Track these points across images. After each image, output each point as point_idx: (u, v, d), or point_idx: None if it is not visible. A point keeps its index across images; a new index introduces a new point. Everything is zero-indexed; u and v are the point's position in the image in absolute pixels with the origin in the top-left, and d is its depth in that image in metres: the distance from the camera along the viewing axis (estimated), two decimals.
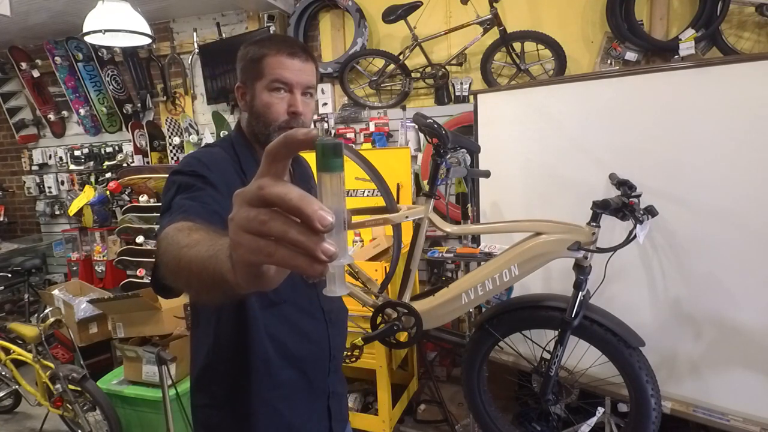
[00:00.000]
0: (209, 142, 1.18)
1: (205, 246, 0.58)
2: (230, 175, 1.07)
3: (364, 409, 2.93)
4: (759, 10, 2.76)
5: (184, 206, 0.92)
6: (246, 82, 1.13)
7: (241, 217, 0.42)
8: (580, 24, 3.23)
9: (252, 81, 1.12)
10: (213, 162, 1.06)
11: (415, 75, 3.52)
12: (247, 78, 1.13)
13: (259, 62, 1.10)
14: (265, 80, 1.10)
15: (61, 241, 4.66)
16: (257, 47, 1.11)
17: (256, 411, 1.11)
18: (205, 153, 1.10)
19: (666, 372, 2.08)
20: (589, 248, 1.79)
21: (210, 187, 0.99)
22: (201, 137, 4.18)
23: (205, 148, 1.15)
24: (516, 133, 2.48)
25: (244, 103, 1.15)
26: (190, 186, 0.99)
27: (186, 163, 1.05)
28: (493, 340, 2.14)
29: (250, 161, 1.13)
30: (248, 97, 1.13)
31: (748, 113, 1.80)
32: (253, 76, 1.11)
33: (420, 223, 2.07)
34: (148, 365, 2.65)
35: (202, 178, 1.01)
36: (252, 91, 1.12)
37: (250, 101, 1.13)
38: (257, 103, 1.11)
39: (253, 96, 1.12)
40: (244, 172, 1.10)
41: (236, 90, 1.16)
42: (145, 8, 3.23)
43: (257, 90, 1.11)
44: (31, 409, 3.21)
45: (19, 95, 4.85)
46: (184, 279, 0.62)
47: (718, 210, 1.90)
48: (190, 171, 1.02)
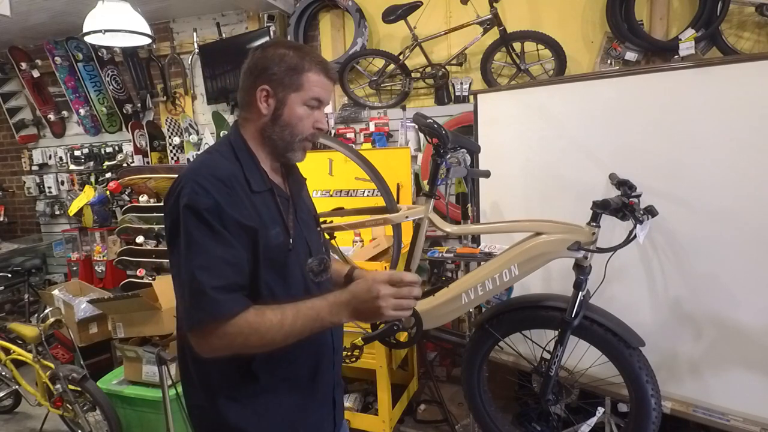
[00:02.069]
0: (209, 149, 1.17)
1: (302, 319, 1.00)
2: (239, 194, 1.05)
3: (364, 409, 2.93)
4: (759, 10, 2.76)
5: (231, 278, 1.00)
6: (277, 89, 1.11)
7: (387, 293, 0.98)
8: (580, 24, 3.23)
9: (285, 90, 1.10)
10: (223, 189, 1.02)
11: (415, 75, 3.52)
12: (280, 85, 1.10)
13: (300, 75, 1.10)
14: (303, 94, 1.10)
15: (61, 241, 4.66)
16: (298, 58, 1.10)
17: (271, 408, 1.13)
18: (212, 176, 1.03)
19: (666, 372, 2.08)
20: (589, 248, 1.79)
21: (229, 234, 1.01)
22: (201, 137, 4.18)
23: (209, 160, 1.10)
24: (516, 133, 2.48)
25: (266, 107, 1.12)
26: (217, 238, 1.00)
27: (200, 202, 1.00)
28: (493, 340, 2.14)
29: (252, 169, 1.11)
30: (274, 103, 1.11)
31: (748, 113, 1.80)
32: (289, 86, 1.10)
33: (420, 223, 2.07)
34: (148, 365, 2.65)
35: (221, 224, 1.00)
36: (283, 99, 1.11)
37: (278, 108, 1.11)
38: (288, 112, 1.11)
39: (284, 105, 1.11)
40: (249, 181, 1.08)
41: (258, 91, 1.11)
42: (145, 8, 3.23)
43: (291, 100, 1.11)
44: (31, 409, 3.21)
45: (19, 95, 4.85)
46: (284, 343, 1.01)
47: (718, 210, 1.90)
48: (207, 216, 1.00)
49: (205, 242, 0.99)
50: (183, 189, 1.02)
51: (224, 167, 1.07)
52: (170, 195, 1.06)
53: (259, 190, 1.09)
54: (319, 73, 1.11)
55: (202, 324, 0.98)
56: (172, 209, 1.04)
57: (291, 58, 1.10)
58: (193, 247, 0.99)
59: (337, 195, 3.32)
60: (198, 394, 1.15)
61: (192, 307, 0.99)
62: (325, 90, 1.13)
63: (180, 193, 1.03)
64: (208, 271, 0.98)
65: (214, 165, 1.07)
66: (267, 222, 1.08)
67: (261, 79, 1.11)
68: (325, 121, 1.15)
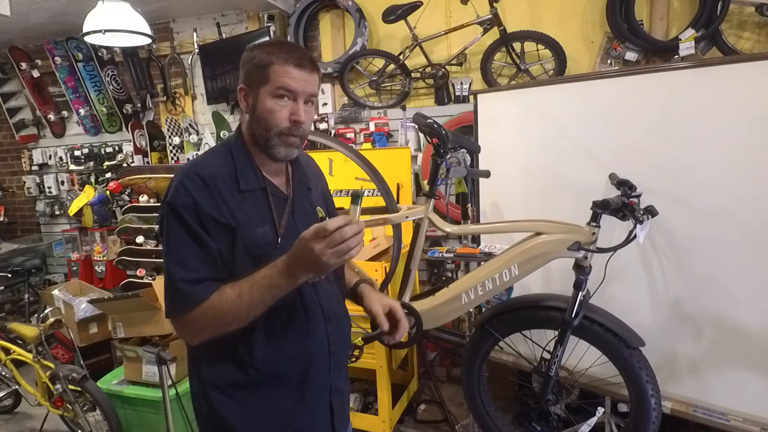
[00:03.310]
0: (210, 147, 1.25)
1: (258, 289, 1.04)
2: (221, 192, 1.10)
3: (364, 409, 2.93)
4: (759, 10, 2.76)
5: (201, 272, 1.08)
6: (250, 86, 1.15)
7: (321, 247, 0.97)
8: (580, 24, 3.23)
9: (256, 85, 1.13)
10: (203, 188, 1.09)
11: (415, 75, 3.52)
12: (251, 81, 1.14)
13: (266, 68, 1.11)
14: (270, 86, 1.11)
15: (61, 241, 4.65)
16: (264, 53, 1.12)
17: (257, 404, 1.15)
18: (196, 175, 1.10)
19: (666, 372, 2.08)
20: (589, 248, 1.79)
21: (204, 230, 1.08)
22: (201, 137, 4.18)
23: (201, 159, 1.17)
24: (516, 133, 2.48)
25: (245, 105, 1.17)
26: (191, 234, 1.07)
27: (179, 200, 1.08)
28: (493, 340, 2.14)
29: (246, 169, 1.16)
30: (251, 100, 1.15)
31: (748, 113, 1.80)
32: (258, 81, 1.12)
33: (420, 223, 2.08)
34: (148, 365, 2.65)
35: (197, 221, 1.07)
36: (255, 95, 1.14)
37: (253, 104, 1.14)
38: (260, 107, 1.13)
39: (256, 100, 1.13)
40: (239, 180, 1.13)
41: (238, 91, 1.17)
42: (145, 8, 3.23)
43: (261, 95, 1.13)
44: (31, 409, 3.21)
45: (19, 95, 4.85)
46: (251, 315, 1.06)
47: (718, 210, 1.90)
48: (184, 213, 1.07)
49: (179, 238, 1.07)
50: (170, 188, 1.11)
51: (212, 166, 1.13)
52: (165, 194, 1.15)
53: (248, 189, 1.14)
54: (286, 64, 1.11)
55: (174, 314, 1.09)
56: (161, 207, 1.13)
57: (260, 55, 1.12)
58: (171, 243, 1.08)
59: (337, 195, 3.33)
60: (194, 383, 1.21)
61: (167, 299, 1.10)
62: (294, 79, 1.11)
63: (169, 190, 1.11)
64: (179, 265, 1.07)
65: (202, 164, 1.14)
66: (253, 220, 1.12)
67: (240, 79, 1.17)
68: (301, 113, 1.13)
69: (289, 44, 1.19)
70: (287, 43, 1.19)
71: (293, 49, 1.15)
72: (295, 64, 1.11)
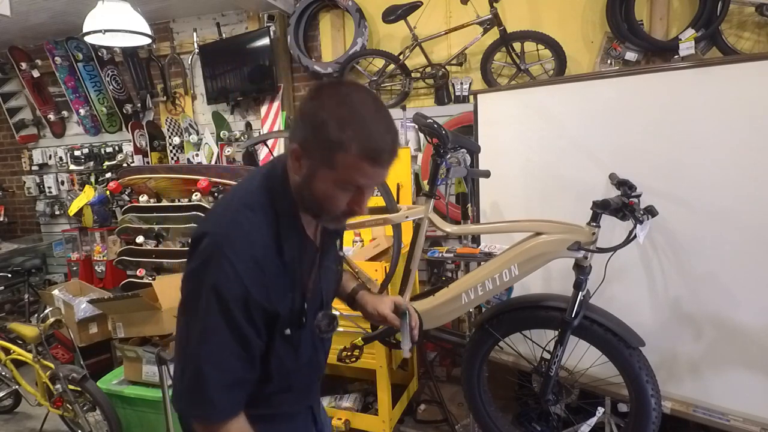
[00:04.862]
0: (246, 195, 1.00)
1: None
2: (272, 273, 0.96)
3: (364, 409, 2.93)
4: (759, 10, 2.76)
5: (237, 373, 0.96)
6: (308, 154, 0.92)
7: None
8: (580, 24, 3.23)
9: (317, 161, 0.91)
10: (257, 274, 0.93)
11: (415, 75, 3.52)
12: (311, 152, 0.91)
13: (334, 153, 0.88)
14: (334, 175, 0.90)
15: (61, 241, 4.66)
16: (339, 131, 0.86)
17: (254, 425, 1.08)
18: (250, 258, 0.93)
19: (666, 372, 2.08)
20: (589, 248, 1.79)
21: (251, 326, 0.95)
22: (201, 137, 4.18)
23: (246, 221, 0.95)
24: (516, 133, 2.48)
25: (297, 166, 0.94)
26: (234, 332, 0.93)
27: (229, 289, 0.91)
28: (493, 340, 2.14)
29: (291, 234, 1.00)
30: (305, 169, 0.93)
31: (748, 113, 1.80)
32: (321, 160, 0.90)
33: (420, 223, 2.08)
34: (148, 365, 2.65)
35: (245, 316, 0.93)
36: (313, 170, 0.92)
37: (307, 177, 0.93)
38: (316, 187, 0.94)
39: (313, 176, 0.93)
40: (282, 248, 0.97)
41: (291, 150, 0.94)
42: (145, 8, 3.23)
43: (320, 175, 0.92)
44: (31, 409, 3.21)
45: (19, 95, 4.85)
46: None
47: (718, 210, 1.90)
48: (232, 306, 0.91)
49: (223, 335, 0.92)
50: (212, 260, 0.91)
51: (261, 238, 0.95)
52: (195, 249, 0.95)
53: (290, 258, 0.99)
54: (362, 158, 0.87)
55: (194, 418, 0.98)
56: (195, 274, 0.93)
57: (331, 128, 0.86)
58: (209, 334, 0.92)
59: None
60: None
61: (188, 396, 0.96)
62: (366, 177, 0.90)
63: (208, 262, 0.92)
64: (216, 365, 0.93)
65: (250, 236, 0.94)
66: (285, 294, 1.00)
67: (295, 135, 0.93)
68: (364, 205, 0.96)
69: (370, 122, 0.88)
70: (369, 121, 0.88)
71: (375, 134, 0.88)
72: (373, 160, 0.88)
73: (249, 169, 3.61)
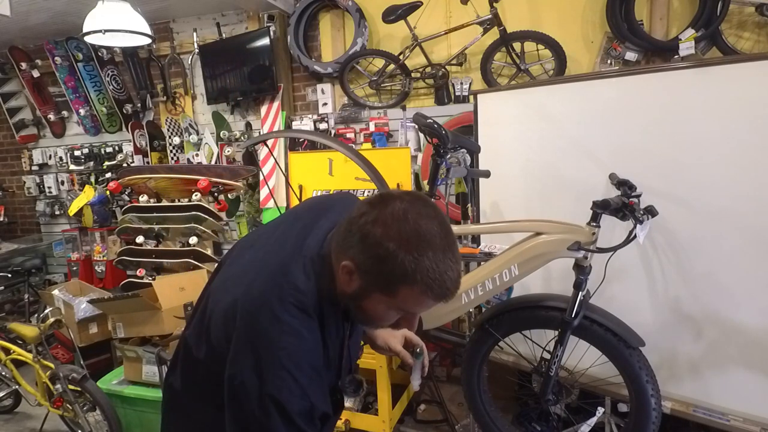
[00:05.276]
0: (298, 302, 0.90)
1: None
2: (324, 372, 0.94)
3: (364, 409, 2.93)
4: (759, 10, 2.76)
5: None
6: (367, 277, 0.86)
7: None
8: (580, 24, 3.23)
9: (374, 285, 0.87)
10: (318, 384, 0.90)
11: (415, 75, 3.52)
12: (373, 277, 0.86)
13: (398, 285, 0.84)
14: (393, 301, 0.88)
15: (61, 241, 4.66)
16: (407, 263, 0.81)
17: None
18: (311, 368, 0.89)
19: (666, 372, 2.08)
20: (589, 248, 1.79)
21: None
22: (201, 137, 4.18)
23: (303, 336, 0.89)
24: (516, 133, 2.48)
25: (347, 280, 0.89)
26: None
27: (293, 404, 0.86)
28: (493, 340, 2.14)
29: (332, 330, 0.96)
30: (359, 288, 0.89)
31: (748, 113, 1.80)
32: (382, 287, 0.86)
33: None
34: (148, 365, 2.65)
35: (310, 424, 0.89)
36: (368, 291, 0.88)
37: (360, 295, 0.89)
38: (368, 307, 0.91)
39: (366, 296, 0.89)
40: (327, 345, 0.94)
41: (341, 266, 0.88)
42: (145, 8, 3.23)
43: (376, 298, 0.88)
44: (31, 409, 3.21)
45: (19, 95, 4.85)
46: None
47: (718, 210, 1.90)
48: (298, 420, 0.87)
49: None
50: (269, 369, 0.85)
51: (315, 342, 0.91)
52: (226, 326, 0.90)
53: (331, 345, 0.96)
54: (425, 296, 0.84)
55: None
56: (249, 379, 0.86)
57: (399, 263, 0.81)
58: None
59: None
60: None
61: None
62: (427, 307, 0.89)
63: (265, 370, 0.85)
64: None
65: (308, 344, 0.89)
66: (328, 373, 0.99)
67: (351, 254, 0.87)
68: (416, 326, 0.97)
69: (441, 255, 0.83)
70: (439, 253, 0.83)
71: (444, 273, 0.83)
72: (438, 297, 0.86)
73: (248, 168, 3.62)
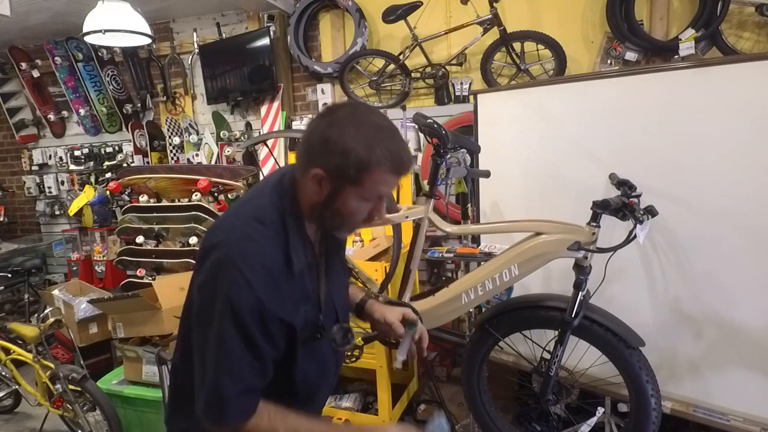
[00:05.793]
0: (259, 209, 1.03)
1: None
2: (283, 285, 1.00)
3: (364, 409, 2.93)
4: (759, 10, 2.76)
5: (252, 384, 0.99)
6: (333, 177, 0.97)
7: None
8: (580, 24, 3.23)
9: (343, 182, 0.98)
10: (269, 283, 0.97)
11: (415, 75, 3.52)
12: (337, 174, 0.97)
13: (363, 172, 0.96)
14: (361, 191, 0.99)
15: (61, 241, 4.66)
16: (366, 153, 0.95)
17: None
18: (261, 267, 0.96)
19: (666, 372, 2.08)
20: (589, 248, 1.79)
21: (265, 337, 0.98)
22: (201, 137, 4.18)
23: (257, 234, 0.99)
24: (516, 133, 2.48)
25: (317, 190, 1.00)
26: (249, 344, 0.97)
27: (243, 300, 0.94)
28: (493, 340, 2.14)
29: (297, 245, 1.03)
30: (329, 190, 0.99)
31: (748, 113, 1.80)
32: (348, 180, 0.97)
33: (420, 223, 2.07)
34: (148, 365, 2.65)
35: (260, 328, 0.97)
36: (338, 190, 0.99)
37: (331, 196, 1.00)
38: (341, 205, 1.00)
39: (337, 195, 0.99)
40: (291, 260, 1.01)
41: (312, 175, 0.98)
42: (145, 8, 3.23)
43: (346, 193, 0.99)
44: (31, 409, 3.21)
45: (19, 95, 4.85)
46: None
47: (718, 210, 1.90)
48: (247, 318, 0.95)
49: (236, 346, 0.96)
50: (223, 271, 0.95)
51: (272, 250, 0.99)
52: (204, 259, 0.99)
53: (299, 269, 1.03)
54: (387, 172, 0.97)
55: (216, 423, 1.00)
56: (207, 286, 0.98)
57: (360, 151, 0.95)
58: (223, 346, 0.96)
59: None
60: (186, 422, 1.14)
61: (210, 406, 0.99)
62: (389, 186, 1.01)
63: (219, 273, 0.96)
64: (230, 374, 0.96)
65: (263, 246, 0.98)
66: (298, 305, 1.03)
67: (318, 161, 0.98)
68: (383, 211, 1.05)
69: (390, 139, 0.98)
70: (389, 138, 0.98)
71: (397, 150, 0.98)
72: (399, 171, 0.99)
73: (248, 168, 3.62)
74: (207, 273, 0.98)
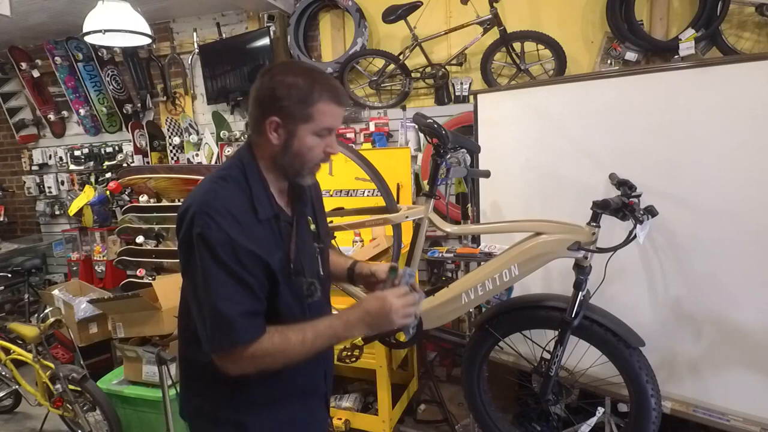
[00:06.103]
0: (221, 172, 1.15)
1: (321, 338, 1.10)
2: (249, 226, 1.08)
3: (364, 409, 2.93)
4: (759, 10, 2.76)
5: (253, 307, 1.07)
6: (286, 120, 1.09)
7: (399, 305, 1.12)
8: (580, 24, 3.23)
9: (296, 122, 1.09)
10: (235, 223, 1.05)
11: (415, 75, 3.52)
12: (288, 116, 1.09)
13: (309, 106, 1.08)
14: (313, 125, 1.10)
15: (61, 241, 4.66)
16: (307, 88, 1.08)
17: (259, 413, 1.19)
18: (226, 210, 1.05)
19: (666, 372, 2.08)
20: (589, 248, 1.79)
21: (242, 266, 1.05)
22: (201, 137, 4.18)
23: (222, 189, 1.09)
24: (516, 133, 2.48)
25: (275, 137, 1.11)
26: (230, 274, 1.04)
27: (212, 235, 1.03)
28: (493, 340, 2.14)
29: (261, 196, 1.13)
30: (285, 134, 1.11)
31: (748, 113, 1.80)
32: (299, 118, 1.09)
33: (420, 223, 2.07)
34: (148, 365, 2.65)
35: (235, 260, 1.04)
36: (292, 130, 1.10)
37: (287, 139, 1.11)
38: (298, 144, 1.11)
39: (293, 136, 1.10)
40: (256, 209, 1.10)
41: (268, 123, 1.10)
42: (145, 8, 3.23)
43: (301, 132, 1.10)
44: (31, 409, 3.21)
45: (19, 95, 4.85)
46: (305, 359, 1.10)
47: (717, 210, 1.90)
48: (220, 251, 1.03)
49: (220, 276, 1.03)
50: (195, 220, 1.04)
51: (235, 198, 1.09)
52: (181, 222, 1.08)
53: (264, 218, 1.11)
54: (330, 102, 1.10)
55: (229, 349, 1.05)
56: (185, 238, 1.07)
57: (300, 88, 1.08)
58: (211, 281, 1.03)
59: (337, 195, 3.33)
60: (198, 399, 1.21)
61: (216, 334, 1.04)
62: (335, 118, 1.13)
63: (192, 223, 1.04)
64: (227, 300, 1.03)
65: (225, 196, 1.08)
66: (270, 248, 1.11)
67: (270, 110, 1.09)
68: (335, 145, 1.16)
69: (325, 76, 1.14)
70: (324, 75, 1.13)
71: (333, 84, 1.13)
72: (338, 102, 1.11)
73: None
74: (183, 230, 1.07)
